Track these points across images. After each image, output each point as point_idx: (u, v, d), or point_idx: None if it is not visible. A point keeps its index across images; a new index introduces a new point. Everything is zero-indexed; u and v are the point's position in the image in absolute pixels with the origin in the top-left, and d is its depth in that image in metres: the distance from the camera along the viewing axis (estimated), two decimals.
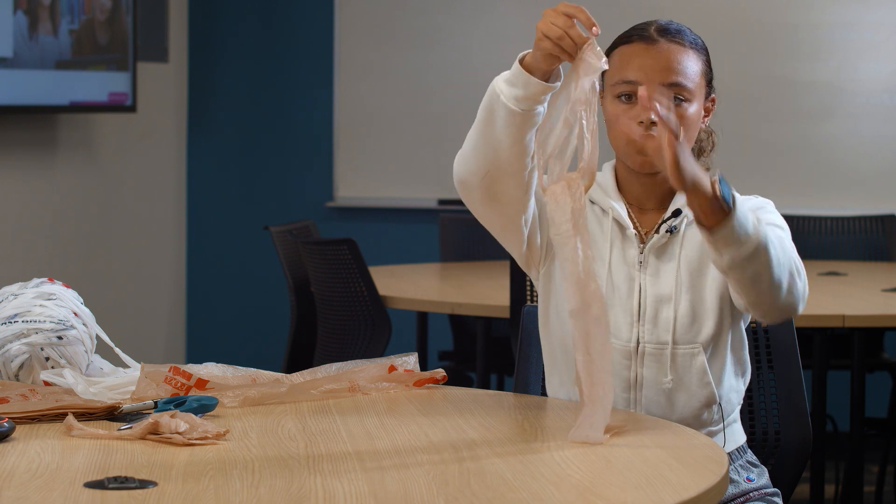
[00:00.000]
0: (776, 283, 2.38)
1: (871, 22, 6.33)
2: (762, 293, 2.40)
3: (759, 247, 2.34)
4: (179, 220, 6.93)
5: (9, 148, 5.69)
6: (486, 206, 2.52)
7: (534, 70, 2.38)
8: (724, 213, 2.31)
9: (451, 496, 1.90)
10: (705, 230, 2.33)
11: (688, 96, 2.57)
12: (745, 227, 2.32)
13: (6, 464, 2.05)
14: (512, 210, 2.52)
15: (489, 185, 2.49)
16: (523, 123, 2.41)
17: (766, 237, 2.35)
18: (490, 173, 2.47)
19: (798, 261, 2.46)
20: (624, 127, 2.55)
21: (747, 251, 2.33)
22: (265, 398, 2.51)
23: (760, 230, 2.34)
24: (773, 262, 2.36)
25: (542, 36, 2.33)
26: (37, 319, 2.66)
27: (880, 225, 5.79)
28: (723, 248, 2.34)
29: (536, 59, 2.36)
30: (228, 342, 6.95)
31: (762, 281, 2.37)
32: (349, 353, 4.64)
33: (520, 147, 2.43)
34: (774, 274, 2.37)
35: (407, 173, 6.71)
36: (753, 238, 2.33)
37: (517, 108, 2.39)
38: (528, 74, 2.38)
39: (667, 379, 2.57)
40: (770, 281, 2.37)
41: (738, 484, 2.62)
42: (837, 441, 5.20)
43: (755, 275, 2.36)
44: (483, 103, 2.45)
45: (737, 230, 2.31)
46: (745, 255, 2.34)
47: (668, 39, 2.58)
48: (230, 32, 6.90)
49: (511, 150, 2.43)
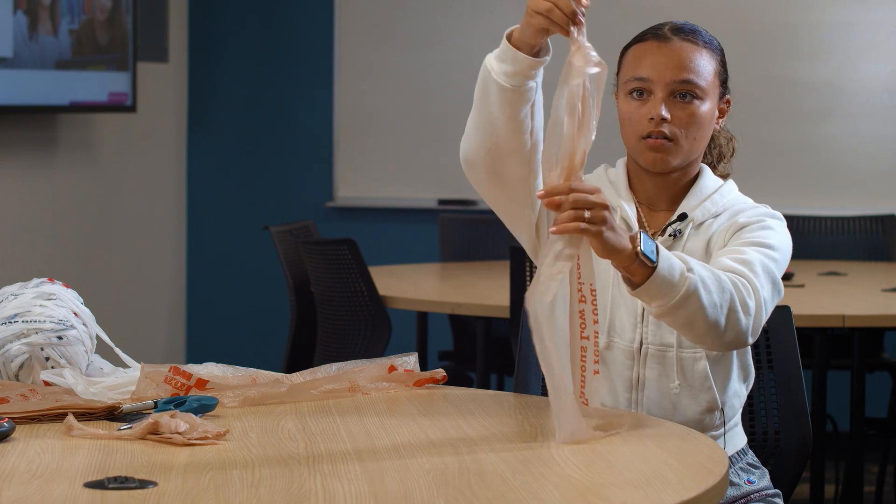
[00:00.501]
0: (711, 325, 2.38)
1: (871, 22, 6.33)
2: (700, 334, 2.41)
3: (687, 295, 2.34)
4: (179, 220, 6.93)
5: (9, 148, 5.69)
6: (492, 185, 2.51)
7: (521, 45, 2.36)
8: (648, 268, 2.31)
9: (451, 496, 1.90)
10: (628, 285, 2.34)
11: (700, 94, 2.57)
12: (671, 280, 2.33)
13: (6, 464, 2.05)
14: (518, 190, 2.49)
15: (491, 164, 2.47)
16: (516, 99, 2.40)
17: (694, 284, 2.34)
18: (491, 151, 2.45)
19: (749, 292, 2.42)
20: (635, 123, 2.55)
21: (674, 301, 2.34)
22: (265, 398, 2.51)
23: (689, 279, 2.34)
24: (706, 306, 2.36)
25: (531, 11, 2.31)
26: (37, 319, 2.66)
27: (880, 225, 5.79)
28: (649, 300, 2.35)
29: (525, 34, 2.35)
30: (228, 342, 6.95)
31: (696, 325, 2.38)
32: (349, 353, 4.64)
33: (515, 123, 2.42)
34: (709, 316, 2.37)
35: (407, 173, 6.71)
36: (679, 287, 2.33)
37: (508, 83, 2.38)
38: (516, 50, 2.36)
39: (674, 384, 2.56)
40: (705, 323, 2.38)
41: (739, 486, 2.62)
42: (837, 441, 5.19)
43: (688, 320, 2.37)
44: (478, 81, 2.44)
45: (658, 284, 2.32)
46: (673, 305, 2.34)
47: (681, 38, 2.58)
48: (230, 32, 6.91)
49: (507, 126, 2.42)
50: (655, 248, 2.32)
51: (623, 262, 2.30)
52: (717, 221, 2.60)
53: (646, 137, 2.55)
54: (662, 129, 2.53)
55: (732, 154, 2.74)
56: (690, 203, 2.60)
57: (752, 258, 2.47)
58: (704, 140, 2.60)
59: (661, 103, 2.54)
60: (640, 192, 2.64)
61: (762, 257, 2.48)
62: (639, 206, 2.64)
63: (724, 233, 2.57)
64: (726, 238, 2.56)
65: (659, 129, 2.53)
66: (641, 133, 2.55)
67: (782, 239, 2.55)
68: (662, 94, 2.54)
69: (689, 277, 2.34)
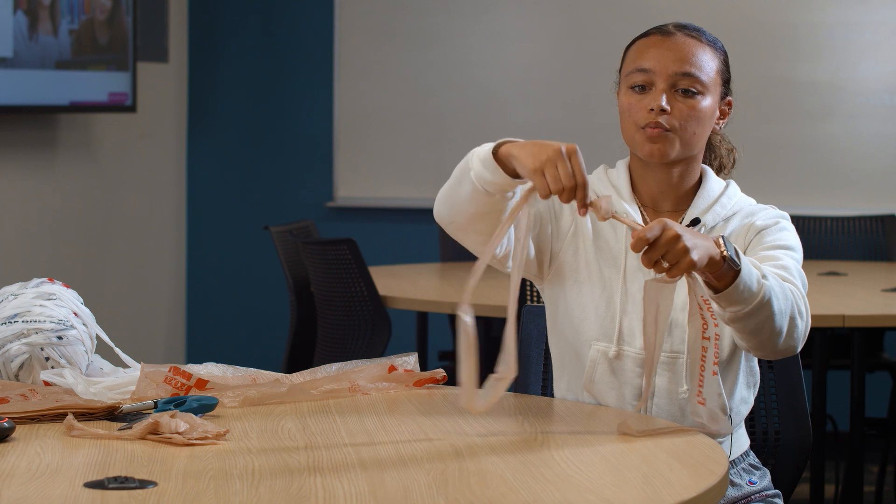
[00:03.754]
0: (777, 332, 2.38)
1: (871, 22, 6.33)
2: (763, 342, 2.40)
3: (762, 303, 2.33)
4: (179, 220, 6.93)
5: (9, 148, 5.69)
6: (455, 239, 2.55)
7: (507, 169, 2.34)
8: (733, 272, 2.30)
9: (451, 496, 1.90)
10: (711, 289, 2.32)
11: (701, 89, 2.56)
12: (750, 286, 2.32)
13: (6, 464, 2.05)
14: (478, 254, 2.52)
15: (451, 233, 2.51)
16: (486, 202, 2.40)
17: (769, 291, 2.34)
18: (453, 224, 2.49)
19: (802, 297, 2.44)
20: (634, 114, 2.55)
21: (750, 307, 2.33)
22: (265, 398, 2.51)
23: (765, 286, 2.33)
24: (776, 314, 2.36)
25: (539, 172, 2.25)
26: (37, 319, 2.66)
27: (880, 225, 5.79)
28: (726, 305, 2.34)
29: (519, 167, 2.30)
30: (228, 342, 6.95)
31: (763, 332, 2.38)
32: (349, 353, 4.64)
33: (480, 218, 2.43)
34: (776, 324, 2.37)
35: (407, 173, 6.71)
36: (757, 294, 2.33)
37: (482, 188, 2.38)
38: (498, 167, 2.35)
39: (682, 389, 2.56)
40: (771, 331, 2.38)
41: (740, 487, 2.62)
42: (837, 441, 5.19)
43: (757, 326, 2.37)
44: (458, 165, 2.43)
45: (741, 290, 2.31)
46: (748, 311, 2.34)
47: (685, 34, 2.58)
48: (230, 32, 6.90)
49: (472, 218, 2.44)
50: (735, 252, 2.31)
51: (712, 269, 2.29)
52: (729, 225, 2.59)
53: (644, 127, 2.55)
54: (661, 119, 2.53)
55: (733, 165, 2.74)
56: (700, 207, 2.59)
57: (788, 263, 2.48)
58: (703, 136, 2.60)
59: (662, 94, 2.53)
60: (644, 193, 2.63)
61: (792, 261, 2.49)
62: (643, 208, 2.62)
63: (742, 237, 2.57)
64: (745, 242, 2.56)
65: (657, 120, 2.53)
66: (640, 123, 2.55)
67: (797, 239, 2.57)
68: (664, 86, 2.54)
69: (764, 284, 2.34)
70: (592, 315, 2.58)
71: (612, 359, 2.57)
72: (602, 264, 2.59)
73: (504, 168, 2.34)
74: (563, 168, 2.23)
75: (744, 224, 2.58)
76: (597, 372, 2.58)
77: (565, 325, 2.61)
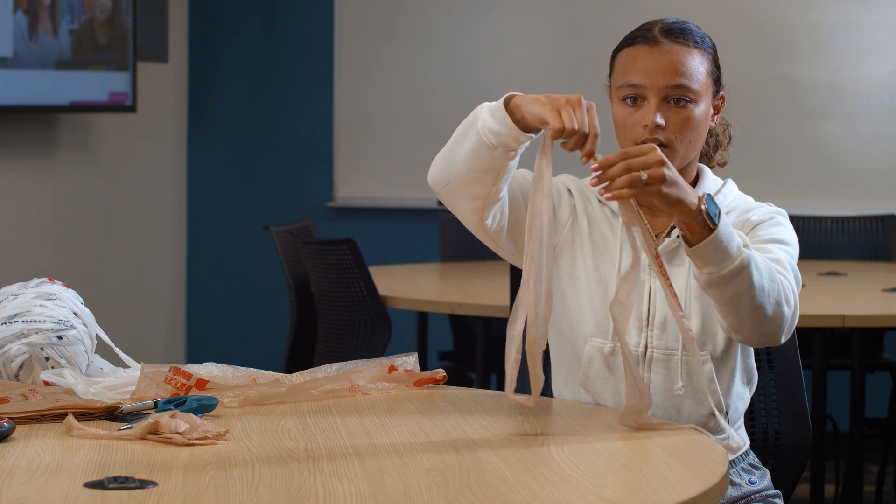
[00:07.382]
0: (756, 308, 2.36)
1: (871, 22, 6.33)
2: (742, 318, 2.38)
3: (740, 268, 2.32)
4: (179, 220, 6.93)
5: (9, 148, 5.69)
6: (448, 206, 2.55)
7: (516, 117, 2.36)
8: (708, 229, 2.31)
9: (451, 496, 1.90)
10: (686, 243, 2.33)
11: (693, 97, 2.55)
12: (728, 248, 2.31)
13: (6, 464, 2.05)
14: (469, 224, 2.54)
15: (444, 197, 2.52)
16: (488, 157, 2.40)
17: (750, 261, 2.33)
18: (449, 185, 2.48)
19: (791, 289, 2.43)
20: (629, 130, 2.55)
21: (727, 271, 2.32)
22: (265, 398, 2.51)
23: (745, 253, 2.33)
24: (756, 287, 2.34)
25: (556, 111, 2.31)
26: (37, 319, 2.66)
27: (880, 225, 5.80)
28: (702, 265, 2.33)
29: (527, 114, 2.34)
30: (228, 342, 6.95)
31: (741, 305, 2.35)
32: (349, 353, 4.64)
33: (477, 178, 2.43)
34: (756, 298, 2.35)
35: (407, 173, 6.71)
36: (735, 259, 2.32)
37: (487, 140, 2.39)
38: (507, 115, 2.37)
39: (678, 386, 2.56)
40: (750, 305, 2.35)
41: (740, 487, 2.62)
42: (837, 441, 5.20)
43: (735, 296, 2.35)
44: (461, 124, 2.44)
45: (715, 247, 2.31)
46: (725, 275, 2.32)
47: (671, 41, 2.55)
48: (230, 32, 6.91)
49: (469, 178, 2.44)
50: (718, 213, 2.32)
51: (684, 217, 2.30)
52: None
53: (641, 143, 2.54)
54: (657, 135, 2.52)
55: (729, 141, 2.73)
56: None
57: (780, 257, 2.47)
58: (700, 141, 2.59)
59: (655, 109, 2.52)
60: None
61: (786, 255, 2.48)
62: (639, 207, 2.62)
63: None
64: None
65: (654, 136, 2.52)
66: (636, 139, 2.53)
67: (793, 235, 2.56)
68: (656, 100, 2.53)
69: (744, 252, 2.33)
70: (588, 311, 2.58)
71: (608, 355, 2.57)
72: (598, 260, 2.59)
73: (513, 118, 2.36)
74: (580, 113, 2.31)
75: (740, 220, 2.58)
76: (592, 368, 2.58)
77: (562, 321, 2.61)
